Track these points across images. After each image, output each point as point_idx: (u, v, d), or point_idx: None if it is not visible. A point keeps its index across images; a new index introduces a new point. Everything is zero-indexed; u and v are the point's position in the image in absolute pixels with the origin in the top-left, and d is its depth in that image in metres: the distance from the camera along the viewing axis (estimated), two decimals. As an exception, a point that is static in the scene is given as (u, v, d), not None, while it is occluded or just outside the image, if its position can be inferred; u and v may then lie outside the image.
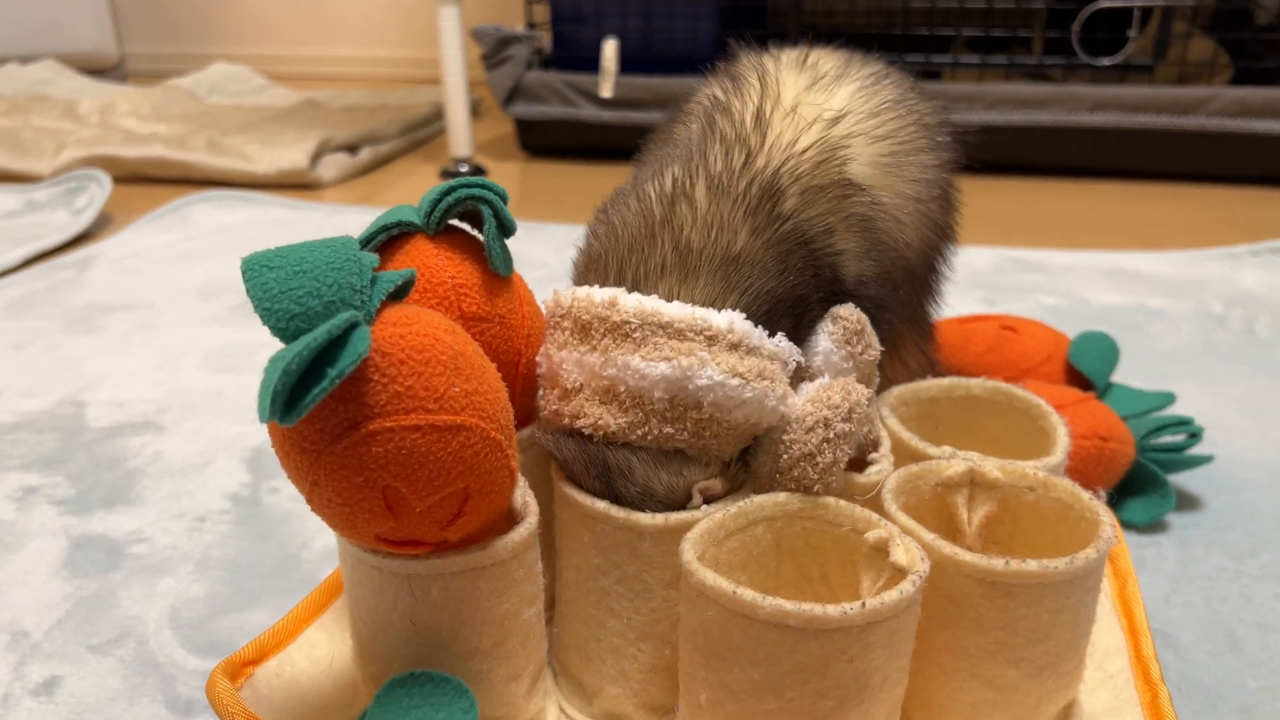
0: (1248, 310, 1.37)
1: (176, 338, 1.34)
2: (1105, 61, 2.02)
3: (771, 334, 0.64)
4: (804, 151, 0.69)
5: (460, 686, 0.57)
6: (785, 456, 0.62)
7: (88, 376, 1.23)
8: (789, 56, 0.79)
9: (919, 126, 0.77)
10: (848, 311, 0.68)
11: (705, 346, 0.60)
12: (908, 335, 0.83)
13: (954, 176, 0.82)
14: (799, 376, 0.67)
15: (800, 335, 0.68)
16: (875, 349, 0.69)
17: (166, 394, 1.18)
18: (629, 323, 0.61)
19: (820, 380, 0.65)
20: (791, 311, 0.67)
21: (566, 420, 0.63)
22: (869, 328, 0.68)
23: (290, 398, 0.48)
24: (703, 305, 0.62)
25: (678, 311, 0.61)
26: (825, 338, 0.67)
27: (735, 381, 0.60)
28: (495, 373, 0.58)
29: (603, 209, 0.71)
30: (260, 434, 1.08)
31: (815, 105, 0.72)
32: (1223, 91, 1.91)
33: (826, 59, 0.78)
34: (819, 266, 0.68)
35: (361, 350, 0.49)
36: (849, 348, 0.67)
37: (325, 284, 0.51)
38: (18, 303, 1.47)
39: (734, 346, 0.61)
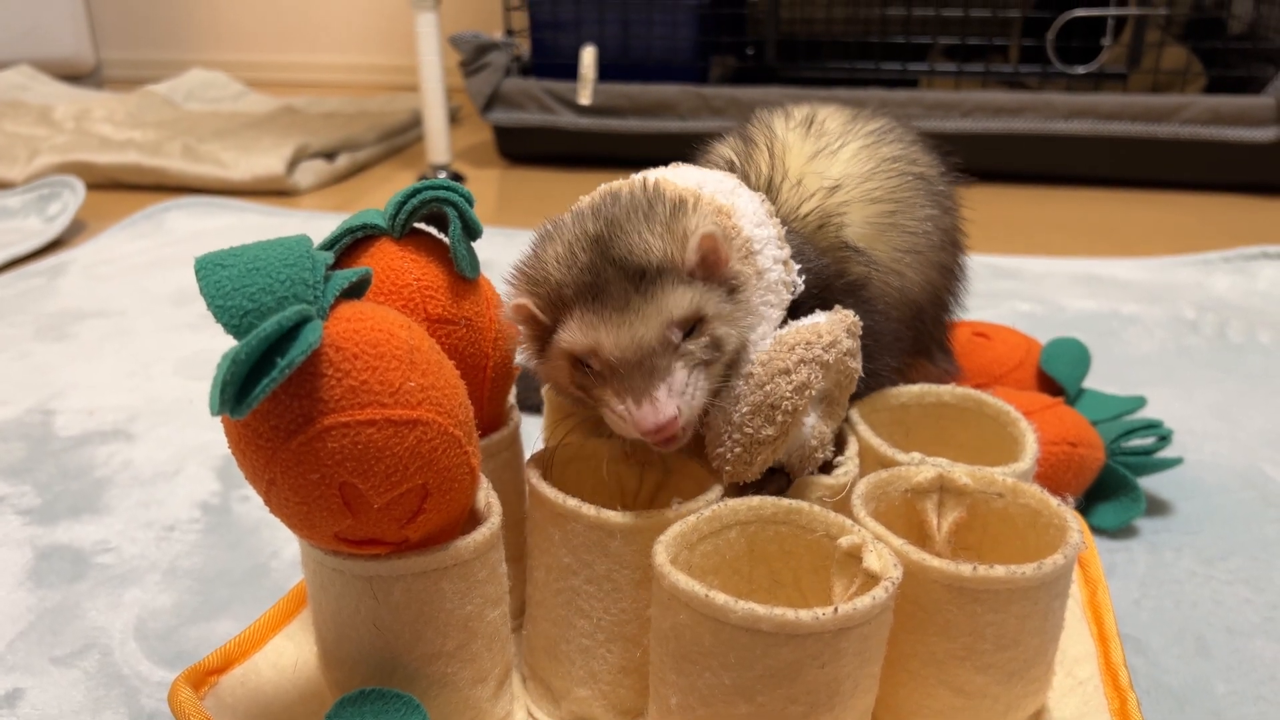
0: (1220, 316, 1.37)
1: (148, 345, 1.33)
2: (1080, 70, 2.03)
3: None
4: (806, 216, 0.75)
5: (412, 702, 0.57)
6: (760, 371, 0.63)
7: (57, 384, 1.22)
8: (797, 119, 0.82)
9: (916, 179, 0.81)
10: (847, 310, 0.67)
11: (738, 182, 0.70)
12: (914, 364, 0.86)
13: (958, 220, 0.86)
14: None
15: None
16: (856, 362, 0.68)
17: (137, 401, 1.17)
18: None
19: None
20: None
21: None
22: (859, 339, 0.68)
23: (240, 389, 0.47)
24: None
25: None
26: (823, 318, 0.66)
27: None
28: (454, 370, 0.58)
29: None
30: (231, 442, 1.07)
31: (817, 175, 0.77)
32: (1196, 99, 1.93)
33: (833, 119, 0.82)
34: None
35: (312, 341, 0.49)
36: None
37: (278, 280, 0.51)
38: (-13, 310, 1.46)
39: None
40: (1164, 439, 0.92)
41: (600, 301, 0.61)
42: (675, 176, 0.69)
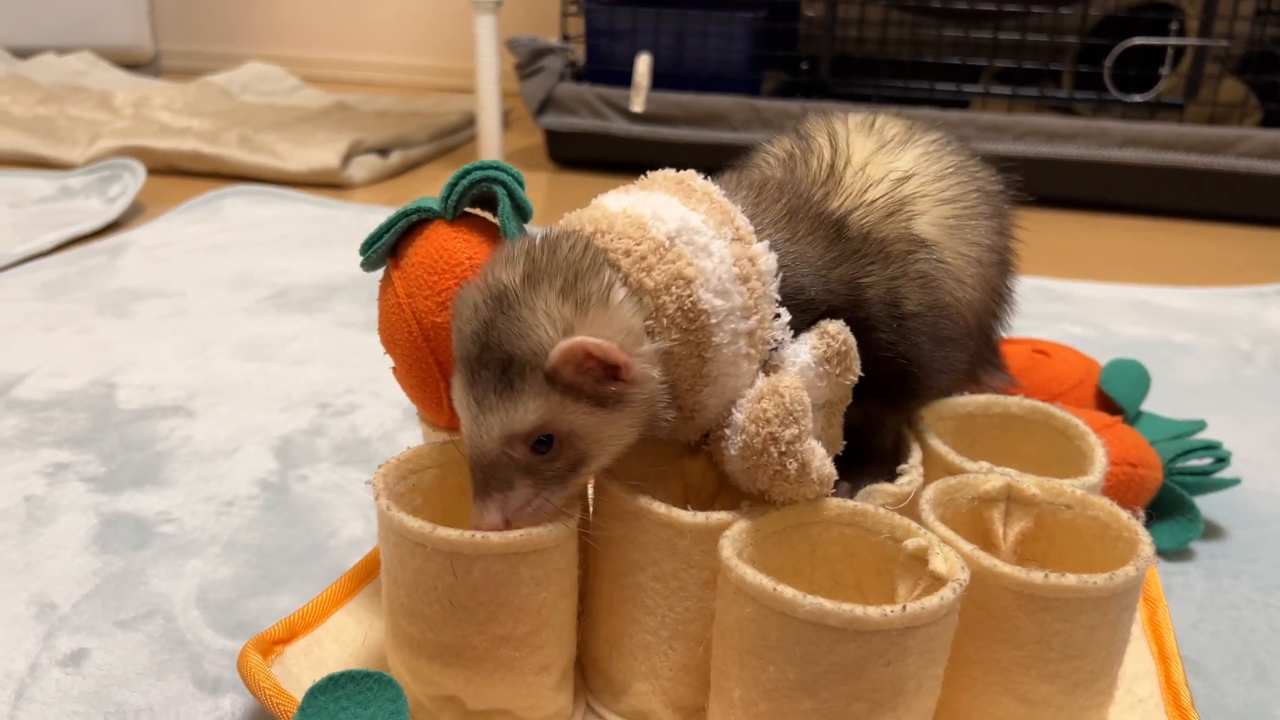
0: (1275, 348, 1.36)
1: (207, 326, 1.35)
2: (1136, 98, 2.03)
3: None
4: (874, 201, 0.71)
5: (384, 678, 0.58)
6: (761, 475, 0.62)
7: (118, 360, 1.24)
8: (855, 120, 0.80)
9: (981, 193, 0.78)
10: (836, 329, 0.65)
11: (723, 222, 0.63)
12: (966, 387, 0.83)
13: (1011, 243, 0.83)
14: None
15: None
16: (854, 374, 0.66)
17: (196, 380, 1.19)
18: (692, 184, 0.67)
19: (757, 385, 0.62)
20: (812, 311, 0.66)
21: None
22: (853, 351, 0.66)
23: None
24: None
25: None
26: (807, 350, 0.64)
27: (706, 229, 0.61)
28: None
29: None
30: (288, 424, 1.08)
31: (883, 164, 0.74)
32: (1253, 133, 1.91)
33: (891, 124, 0.79)
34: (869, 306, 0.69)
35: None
36: (828, 366, 0.65)
37: None
38: (50, 285, 1.49)
39: (742, 240, 0.62)
40: (1222, 460, 0.91)
41: (471, 380, 0.58)
42: (656, 217, 0.61)
